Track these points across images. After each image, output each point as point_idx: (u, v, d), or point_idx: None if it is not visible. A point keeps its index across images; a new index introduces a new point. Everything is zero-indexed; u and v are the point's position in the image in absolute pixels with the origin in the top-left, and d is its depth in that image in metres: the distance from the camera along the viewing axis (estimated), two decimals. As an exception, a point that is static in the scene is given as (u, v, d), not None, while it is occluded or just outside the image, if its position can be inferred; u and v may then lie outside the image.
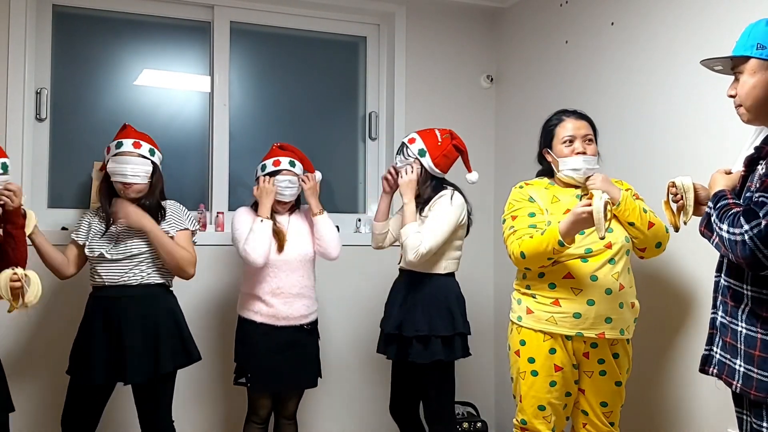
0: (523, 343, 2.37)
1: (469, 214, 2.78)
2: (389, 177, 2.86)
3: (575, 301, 2.27)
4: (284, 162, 2.83)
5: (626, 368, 2.38)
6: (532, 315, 2.34)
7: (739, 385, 1.64)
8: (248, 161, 3.47)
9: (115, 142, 2.60)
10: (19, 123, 2.97)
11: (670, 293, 2.61)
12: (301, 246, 2.82)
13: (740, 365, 1.64)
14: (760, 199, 1.51)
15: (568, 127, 2.40)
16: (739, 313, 1.64)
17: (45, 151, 3.10)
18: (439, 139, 2.75)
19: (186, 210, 2.74)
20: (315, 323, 2.86)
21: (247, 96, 3.53)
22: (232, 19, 3.43)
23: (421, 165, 2.72)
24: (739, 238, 1.52)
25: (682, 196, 1.91)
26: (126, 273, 2.56)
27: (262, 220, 2.73)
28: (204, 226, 3.29)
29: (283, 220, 2.88)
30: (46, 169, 3.10)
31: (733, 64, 1.71)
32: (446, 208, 2.64)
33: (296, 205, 2.96)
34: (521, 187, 2.50)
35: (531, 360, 2.34)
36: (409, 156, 2.74)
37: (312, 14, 3.54)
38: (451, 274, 2.75)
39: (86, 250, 2.58)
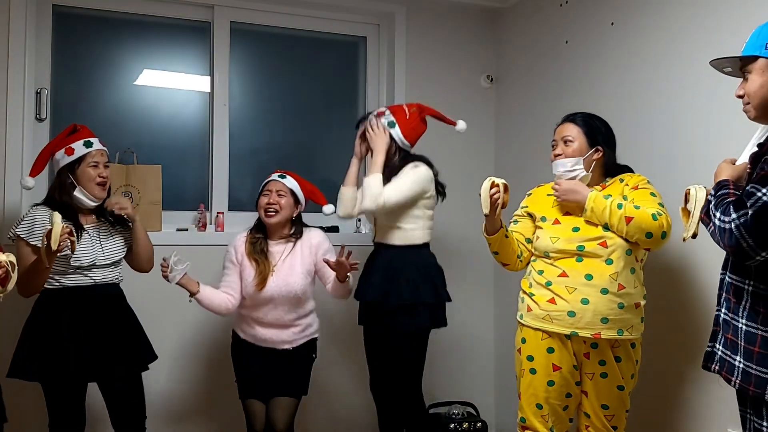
0: (523, 341, 2.40)
1: (439, 185, 2.85)
2: (369, 131, 2.80)
3: (569, 300, 2.28)
4: (273, 176, 2.80)
5: (630, 374, 2.34)
6: (531, 313, 2.37)
7: (738, 381, 1.66)
8: (248, 161, 3.48)
9: (82, 141, 2.52)
10: (19, 123, 2.97)
11: (678, 292, 2.60)
12: (286, 283, 2.70)
13: (740, 361, 1.65)
14: (751, 189, 1.55)
15: (555, 132, 2.46)
16: (740, 309, 1.66)
17: (45, 151, 3.10)
18: (407, 114, 2.81)
19: None
20: (307, 344, 2.80)
21: (247, 96, 3.53)
22: (232, 19, 3.42)
23: (391, 137, 2.77)
24: (727, 226, 1.56)
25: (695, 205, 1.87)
26: (111, 274, 2.55)
27: (190, 297, 2.67)
28: (204, 226, 3.29)
29: (277, 250, 2.76)
30: (45, 170, 3.06)
31: (742, 64, 1.73)
32: (409, 172, 2.74)
33: (298, 227, 2.82)
34: (529, 194, 2.61)
35: (530, 358, 2.37)
36: (377, 125, 2.77)
37: (312, 14, 3.54)
38: (427, 245, 2.82)
39: (73, 262, 2.42)
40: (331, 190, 2.96)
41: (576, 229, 2.32)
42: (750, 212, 1.52)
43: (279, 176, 2.80)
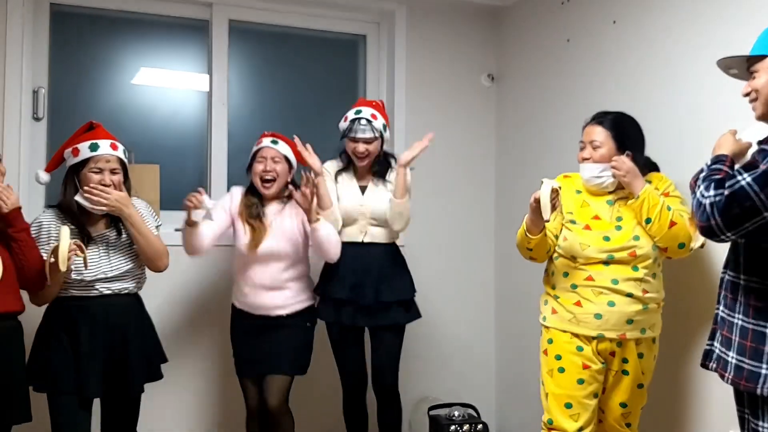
0: (550, 341, 2.40)
1: None
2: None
3: (596, 303, 2.29)
4: (265, 141, 2.78)
5: (650, 369, 2.38)
6: (557, 315, 2.38)
7: (730, 376, 1.68)
8: (247, 160, 3.45)
9: (88, 143, 2.35)
10: (16, 122, 2.95)
11: (682, 293, 2.57)
12: (275, 242, 2.71)
13: (733, 357, 1.67)
14: (735, 172, 1.60)
15: (583, 132, 2.43)
16: (737, 305, 1.69)
17: (42, 150, 3.08)
18: (382, 108, 2.91)
19: (149, 206, 2.61)
20: (299, 313, 2.76)
21: (246, 95, 3.52)
22: (231, 18, 3.41)
23: (382, 139, 2.82)
24: (704, 201, 1.62)
25: None
26: (122, 284, 2.42)
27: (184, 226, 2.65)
28: (203, 225, 3.27)
29: (270, 210, 2.77)
30: (43, 169, 3.07)
31: (750, 63, 1.74)
32: (407, 176, 2.81)
33: (290, 187, 2.80)
34: None
35: (558, 357, 2.37)
36: (375, 130, 2.77)
37: (311, 12, 3.52)
38: None
39: (74, 275, 2.28)
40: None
41: (607, 239, 2.32)
42: (726, 192, 1.57)
43: (272, 141, 2.78)
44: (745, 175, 1.56)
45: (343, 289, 2.78)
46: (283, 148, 2.78)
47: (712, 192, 1.61)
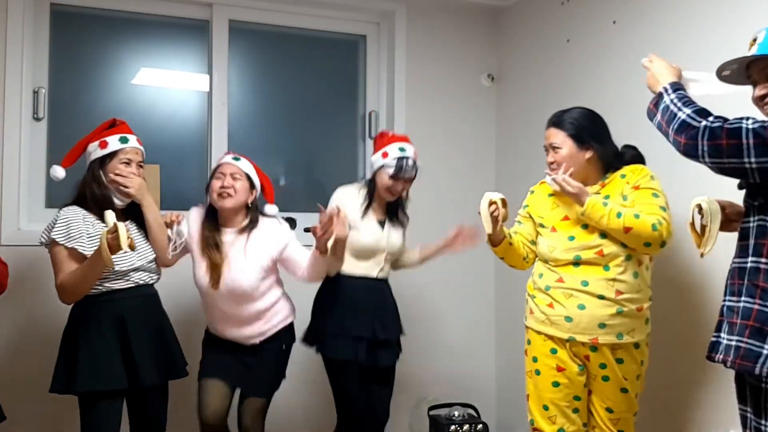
0: (528, 342, 2.41)
1: None
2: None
3: (566, 305, 2.26)
4: (226, 158, 2.67)
5: (635, 375, 2.29)
6: (533, 316, 2.38)
7: (729, 359, 1.66)
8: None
9: (118, 136, 2.41)
10: (16, 122, 2.95)
11: (685, 295, 2.58)
12: (233, 279, 2.52)
13: (735, 340, 1.65)
14: (743, 117, 1.61)
15: (545, 136, 2.40)
16: (743, 288, 1.67)
17: (43, 150, 3.08)
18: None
19: None
20: (276, 335, 2.65)
21: (246, 95, 3.52)
22: (231, 18, 3.40)
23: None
24: (695, 123, 1.65)
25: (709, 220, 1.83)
26: (151, 274, 2.44)
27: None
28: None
29: (228, 240, 2.58)
30: (43, 169, 3.06)
31: (763, 65, 1.69)
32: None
33: (254, 214, 2.65)
34: (531, 192, 2.56)
35: (534, 359, 2.37)
36: (417, 169, 2.80)
37: (311, 12, 3.52)
38: None
39: (116, 266, 2.26)
40: (330, 190, 2.93)
41: (571, 238, 2.29)
42: (725, 126, 1.60)
43: (233, 158, 2.65)
44: (751, 120, 1.59)
45: (365, 326, 2.67)
46: (245, 165, 2.63)
47: (710, 118, 1.65)
